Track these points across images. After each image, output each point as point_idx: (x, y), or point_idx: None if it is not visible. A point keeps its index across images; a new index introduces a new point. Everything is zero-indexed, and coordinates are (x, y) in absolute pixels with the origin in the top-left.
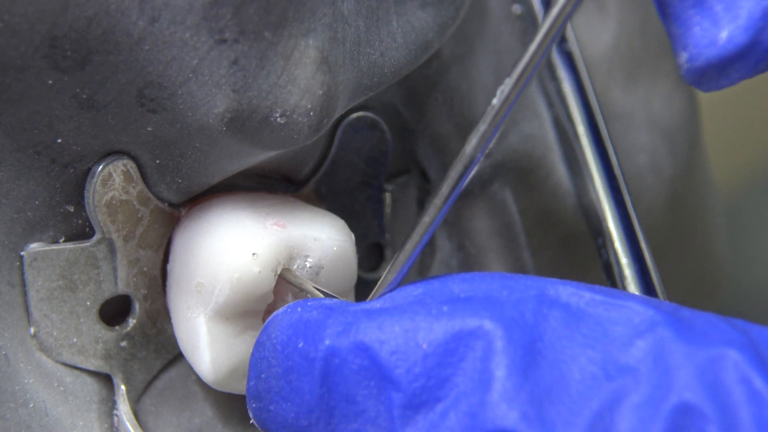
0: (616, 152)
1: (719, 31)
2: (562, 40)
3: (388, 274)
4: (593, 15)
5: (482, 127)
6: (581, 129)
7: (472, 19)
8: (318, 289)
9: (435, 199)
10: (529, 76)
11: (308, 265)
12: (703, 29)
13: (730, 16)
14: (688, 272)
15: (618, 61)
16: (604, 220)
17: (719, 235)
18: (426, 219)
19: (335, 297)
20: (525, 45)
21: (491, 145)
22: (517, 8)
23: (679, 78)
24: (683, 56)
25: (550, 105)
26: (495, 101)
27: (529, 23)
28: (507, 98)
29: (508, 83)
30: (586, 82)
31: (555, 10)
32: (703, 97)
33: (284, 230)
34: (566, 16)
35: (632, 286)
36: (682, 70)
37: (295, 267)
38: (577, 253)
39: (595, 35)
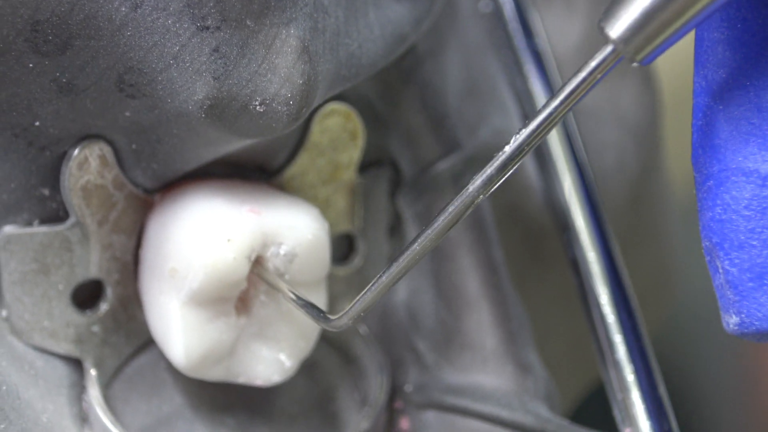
0: (584, 148)
1: None
2: (530, 37)
3: (367, 292)
4: (561, 13)
5: (489, 170)
6: None
7: (444, 15)
8: (291, 292)
9: (428, 230)
10: (546, 130)
11: (282, 252)
12: (759, 304)
13: None
14: (646, 270)
15: (586, 58)
16: (571, 215)
17: (676, 235)
18: (416, 247)
19: (308, 301)
20: (493, 43)
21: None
22: (484, 5)
23: (647, 76)
24: (733, 319)
25: (519, 101)
26: (507, 148)
27: (496, 21)
28: (519, 147)
29: (523, 133)
30: (555, 78)
31: (583, 73)
32: (667, 97)
33: (259, 217)
34: (595, 81)
35: (599, 282)
36: (727, 327)
37: (269, 254)
38: (544, 248)
39: (563, 32)
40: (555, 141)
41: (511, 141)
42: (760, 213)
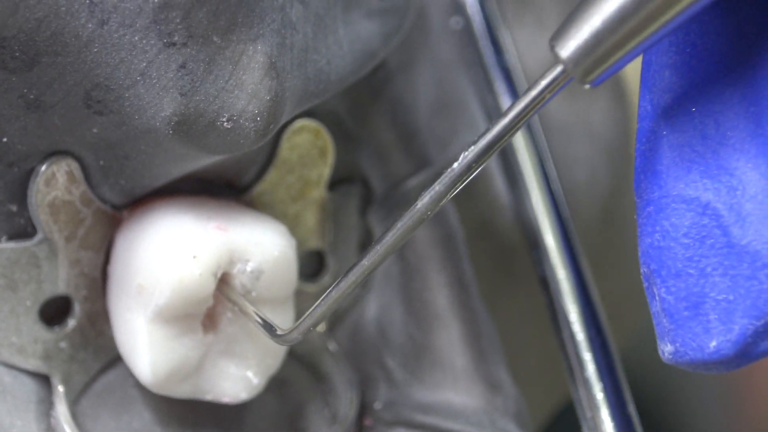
0: (554, 165)
1: (709, 341)
2: (500, 54)
3: (317, 307)
4: (532, 30)
5: (437, 187)
6: (519, 141)
7: (415, 31)
8: (256, 313)
9: (377, 246)
10: (495, 148)
11: (249, 269)
12: (693, 334)
13: (723, 329)
14: (617, 286)
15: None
16: (540, 233)
17: None
18: (365, 263)
19: (271, 323)
20: (464, 60)
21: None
22: (455, 22)
23: (618, 92)
24: (668, 347)
25: (489, 117)
26: (455, 165)
27: (467, 38)
28: (468, 165)
29: (472, 150)
30: None
31: (533, 92)
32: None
33: (226, 233)
34: (544, 100)
35: (569, 300)
36: (662, 355)
37: (235, 270)
38: (514, 265)
39: (534, 49)
40: (525, 157)
41: (460, 158)
42: (698, 241)
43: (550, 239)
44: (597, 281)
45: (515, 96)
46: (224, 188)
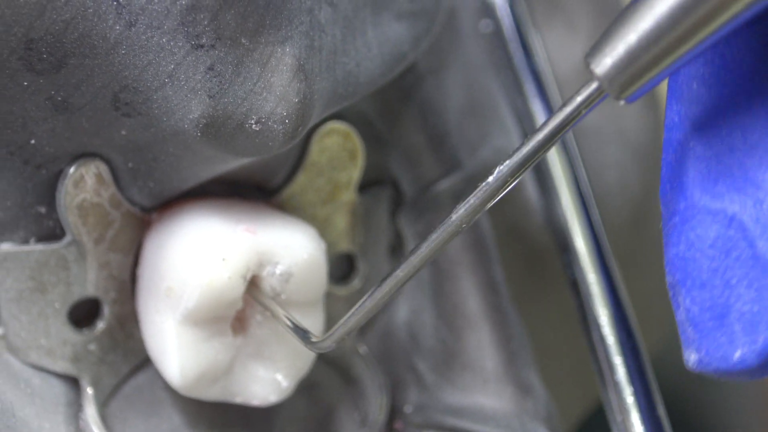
0: (585, 168)
1: (734, 351)
2: (530, 57)
3: (351, 315)
4: (562, 32)
5: (472, 200)
6: None
7: (444, 34)
8: (288, 318)
9: (411, 257)
10: (530, 164)
11: (278, 272)
12: (718, 344)
13: (747, 339)
14: (647, 290)
15: (588, 77)
16: (571, 236)
17: None
18: (399, 273)
19: (301, 326)
20: (494, 63)
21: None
22: (485, 25)
23: (650, 96)
24: (693, 356)
25: (519, 120)
26: (490, 179)
27: (497, 41)
28: (503, 179)
29: (507, 165)
30: (554, 98)
31: (568, 109)
32: None
33: (255, 236)
34: (580, 116)
35: (599, 303)
36: (687, 363)
37: (264, 273)
38: (545, 269)
39: (565, 52)
40: (555, 160)
41: (495, 172)
42: (723, 253)
43: (580, 243)
44: (627, 285)
45: (545, 99)
46: (254, 191)
